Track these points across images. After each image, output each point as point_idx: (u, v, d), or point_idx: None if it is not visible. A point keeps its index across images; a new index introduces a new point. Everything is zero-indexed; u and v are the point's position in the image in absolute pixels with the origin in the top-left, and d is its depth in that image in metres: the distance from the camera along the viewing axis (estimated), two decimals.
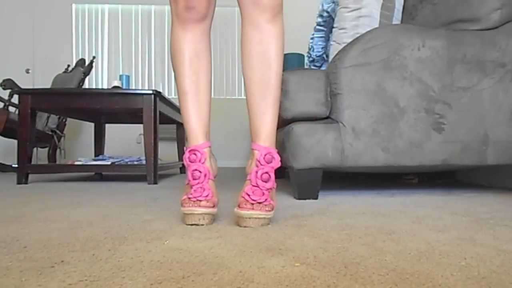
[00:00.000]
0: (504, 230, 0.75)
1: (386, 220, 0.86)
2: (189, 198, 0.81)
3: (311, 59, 2.12)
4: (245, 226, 0.78)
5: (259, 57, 0.86)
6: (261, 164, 0.83)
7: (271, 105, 0.87)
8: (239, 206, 0.80)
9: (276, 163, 0.84)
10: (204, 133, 0.91)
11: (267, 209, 0.79)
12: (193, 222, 0.80)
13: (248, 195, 0.80)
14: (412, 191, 1.49)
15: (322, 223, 0.83)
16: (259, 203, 0.79)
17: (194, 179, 0.84)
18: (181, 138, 2.94)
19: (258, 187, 0.81)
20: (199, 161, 0.85)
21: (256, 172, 0.82)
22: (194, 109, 0.91)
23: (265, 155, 0.83)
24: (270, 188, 0.82)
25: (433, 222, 0.84)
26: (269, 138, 0.86)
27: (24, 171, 2.00)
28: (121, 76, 2.36)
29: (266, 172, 0.82)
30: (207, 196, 0.81)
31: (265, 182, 0.81)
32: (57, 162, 3.43)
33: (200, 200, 0.80)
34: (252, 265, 0.52)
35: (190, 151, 0.87)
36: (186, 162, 0.87)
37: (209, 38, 0.96)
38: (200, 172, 0.84)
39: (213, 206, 0.83)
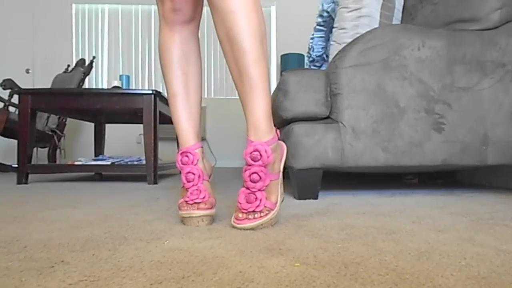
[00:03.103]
0: (504, 230, 0.75)
1: (386, 220, 0.86)
2: (186, 201, 0.81)
3: (311, 59, 2.12)
4: None
5: (225, 39, 0.76)
6: (248, 164, 0.77)
7: (253, 92, 0.76)
8: (235, 213, 0.78)
9: (265, 159, 0.76)
10: (195, 134, 0.90)
11: (261, 215, 0.76)
12: (192, 225, 0.80)
13: (240, 203, 0.77)
14: (412, 191, 1.49)
15: (322, 223, 0.83)
16: (252, 211, 0.76)
17: (188, 181, 0.83)
18: None
19: (249, 189, 0.77)
20: (192, 163, 0.84)
21: (245, 172, 0.77)
22: (184, 110, 0.90)
23: (250, 153, 0.76)
24: (263, 187, 0.77)
25: (433, 222, 0.84)
26: (257, 130, 0.77)
27: (24, 171, 2.00)
28: (121, 76, 2.36)
29: (255, 172, 0.76)
30: (203, 198, 0.81)
31: (255, 183, 0.76)
32: (57, 162, 3.43)
33: (198, 203, 0.80)
34: (252, 265, 0.52)
35: (182, 153, 0.86)
36: (178, 165, 0.85)
37: (197, 38, 0.95)
38: (193, 174, 0.83)
39: (211, 207, 0.82)
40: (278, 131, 0.83)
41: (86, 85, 4.12)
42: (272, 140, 0.78)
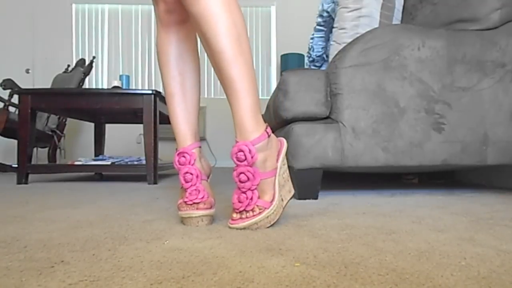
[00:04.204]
0: (504, 230, 0.75)
1: (386, 220, 0.86)
2: (185, 202, 0.80)
3: (311, 59, 2.12)
4: None
5: (203, 42, 0.78)
6: (236, 165, 0.78)
7: (235, 92, 0.77)
8: (231, 213, 0.79)
9: (249, 160, 0.76)
10: (192, 134, 0.90)
11: (254, 213, 0.76)
12: (192, 225, 0.80)
13: (233, 203, 0.78)
14: (412, 191, 1.49)
15: (322, 223, 0.83)
16: (243, 211, 0.76)
17: (186, 182, 0.82)
18: None
19: (240, 189, 0.78)
20: (189, 163, 0.84)
21: (233, 172, 0.78)
22: (181, 110, 0.90)
23: (236, 153, 0.77)
24: (253, 187, 0.77)
25: (433, 222, 0.84)
26: (242, 130, 0.77)
27: (24, 171, 2.00)
28: (121, 76, 2.36)
29: (242, 173, 0.76)
30: (202, 197, 0.81)
31: (243, 182, 0.77)
32: (57, 162, 3.43)
33: (197, 203, 0.80)
34: (252, 265, 0.52)
35: (179, 154, 0.86)
36: (176, 165, 0.85)
37: (195, 38, 0.94)
38: (191, 174, 0.83)
39: (211, 207, 0.82)
40: (268, 128, 0.81)
41: (86, 85, 4.12)
42: (258, 139, 0.77)
